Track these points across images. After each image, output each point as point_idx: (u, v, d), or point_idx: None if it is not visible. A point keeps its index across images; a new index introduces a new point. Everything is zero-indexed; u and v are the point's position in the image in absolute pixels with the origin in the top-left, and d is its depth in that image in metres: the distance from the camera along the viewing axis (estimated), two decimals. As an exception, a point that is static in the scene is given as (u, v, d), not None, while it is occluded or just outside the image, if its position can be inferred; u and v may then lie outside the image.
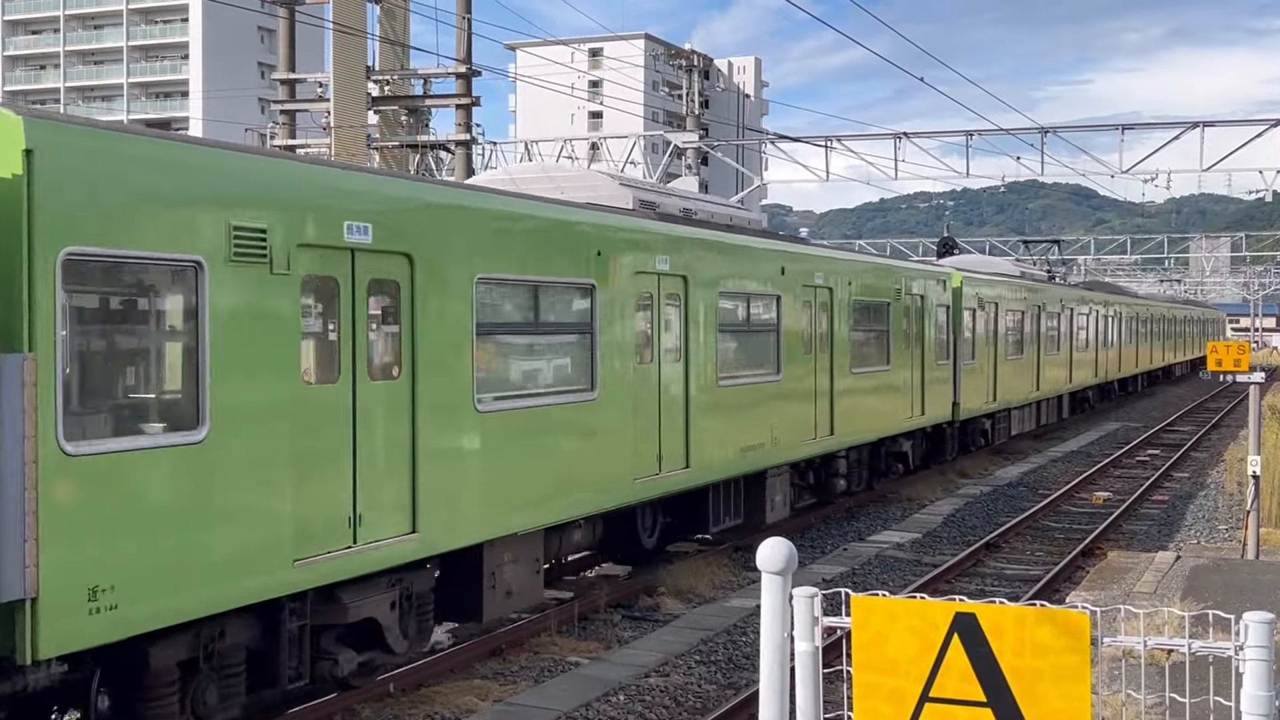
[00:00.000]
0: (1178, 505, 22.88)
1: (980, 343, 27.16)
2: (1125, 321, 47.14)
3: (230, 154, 8.97)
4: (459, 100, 28.85)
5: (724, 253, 15.92)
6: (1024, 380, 31.04)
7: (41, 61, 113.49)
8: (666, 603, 14.62)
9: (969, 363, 26.21)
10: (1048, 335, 33.58)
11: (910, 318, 22.75)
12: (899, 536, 19.20)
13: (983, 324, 27.37)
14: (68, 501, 7.41)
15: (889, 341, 21.64)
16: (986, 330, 27.67)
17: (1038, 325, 32.33)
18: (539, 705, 10.63)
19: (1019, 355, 30.42)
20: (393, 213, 10.23)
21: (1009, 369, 29.39)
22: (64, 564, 7.36)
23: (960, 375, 25.52)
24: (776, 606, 4.72)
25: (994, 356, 28.11)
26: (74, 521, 7.46)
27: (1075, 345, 37.30)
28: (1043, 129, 36.35)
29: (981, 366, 27.15)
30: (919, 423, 23.31)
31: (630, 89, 75.93)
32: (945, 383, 24.75)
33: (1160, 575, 15.07)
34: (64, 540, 7.36)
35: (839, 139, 37.26)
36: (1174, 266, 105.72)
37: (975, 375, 26.67)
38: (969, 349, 26.28)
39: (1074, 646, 4.37)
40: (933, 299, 23.96)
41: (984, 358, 27.37)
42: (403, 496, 10.22)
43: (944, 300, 24.78)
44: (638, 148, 41.00)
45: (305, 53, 37.34)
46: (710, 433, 15.21)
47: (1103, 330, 42.06)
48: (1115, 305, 45.38)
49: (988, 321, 27.77)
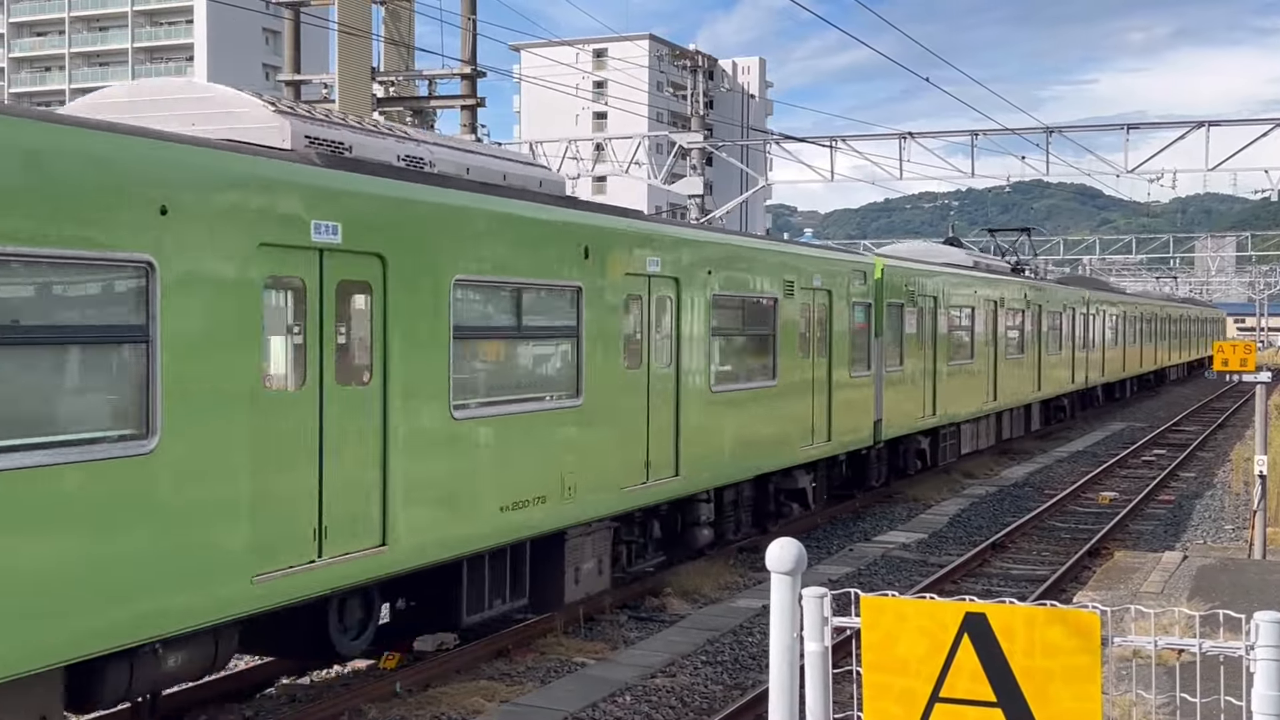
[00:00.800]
0: (1184, 505, 22.85)
1: (913, 347, 22.92)
2: (1111, 321, 43.42)
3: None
4: (464, 101, 28.85)
5: (466, 222, 11.09)
6: (976, 389, 26.95)
7: (47, 64, 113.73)
8: (672, 603, 14.61)
9: (896, 371, 22.03)
10: (1009, 336, 29.65)
11: (809, 318, 18.39)
12: (905, 537, 19.19)
13: (916, 323, 23.08)
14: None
15: (774, 349, 17.10)
16: (923, 331, 23.45)
17: (995, 324, 28.31)
18: (545, 706, 10.63)
19: (968, 360, 26.38)
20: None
21: (955, 377, 25.29)
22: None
23: (884, 387, 21.24)
24: (786, 606, 4.71)
25: (933, 362, 23.97)
26: None
27: (1047, 348, 33.38)
28: (1048, 129, 36.30)
29: (914, 375, 23.01)
30: (825, 450, 18.93)
31: (635, 89, 75.98)
32: (864, 398, 20.45)
33: (1167, 575, 15.05)
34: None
35: (843, 139, 37.22)
36: (1179, 266, 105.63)
37: (906, 386, 22.60)
38: (897, 354, 22.13)
39: (1084, 647, 4.36)
40: (844, 294, 19.60)
41: (919, 364, 23.25)
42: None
43: (862, 296, 20.40)
44: (642, 148, 41.00)
45: (310, 54, 37.36)
46: (444, 488, 10.78)
47: (1083, 330, 38.37)
48: (1099, 303, 41.64)
49: (924, 321, 23.56)
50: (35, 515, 7.30)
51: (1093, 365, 40.05)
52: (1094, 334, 40.21)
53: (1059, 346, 35.28)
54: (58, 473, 7.40)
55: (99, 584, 7.63)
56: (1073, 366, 37.04)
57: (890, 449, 22.55)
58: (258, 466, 8.72)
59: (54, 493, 7.38)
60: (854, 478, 21.40)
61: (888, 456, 22.54)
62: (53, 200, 7.41)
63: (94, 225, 7.65)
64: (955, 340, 25.77)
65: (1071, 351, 36.70)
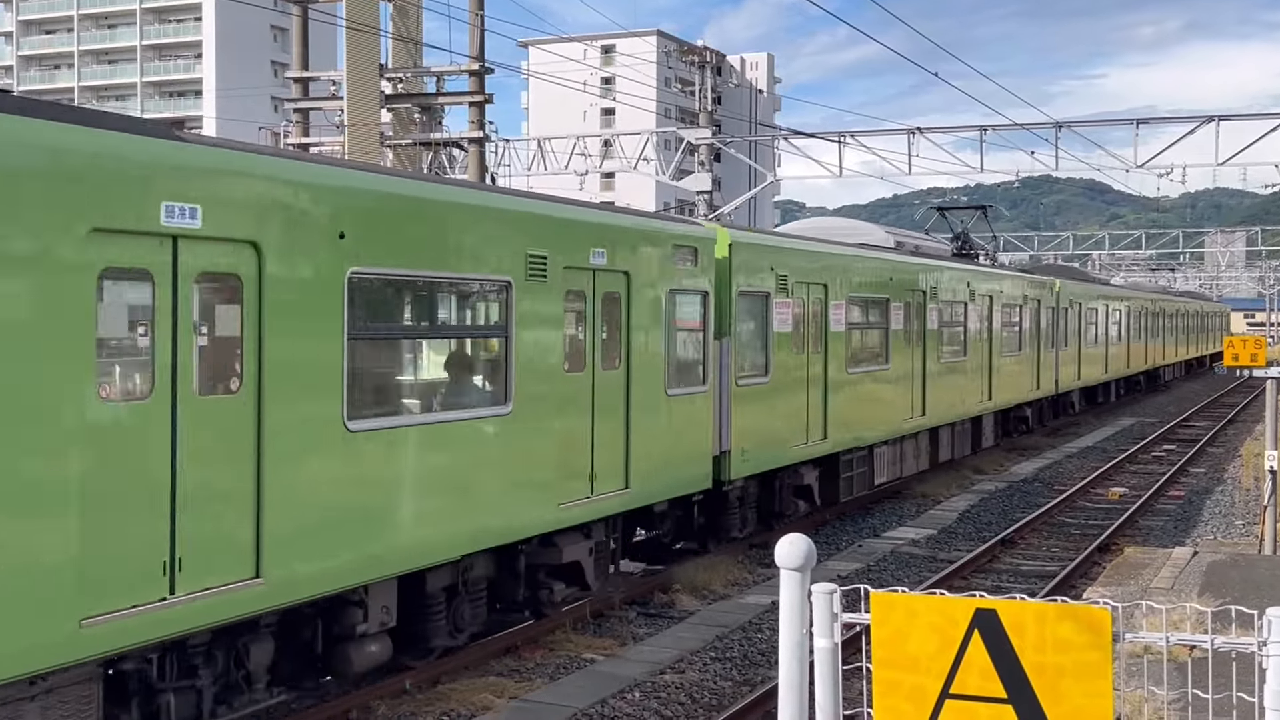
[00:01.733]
0: (1194, 501, 22.79)
1: (788, 350, 17.41)
2: (1090, 316, 37.97)
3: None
4: (472, 98, 28.86)
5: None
6: (894, 403, 21.51)
7: (56, 61, 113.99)
8: (681, 600, 14.61)
9: (756, 383, 16.50)
10: (947, 334, 24.40)
11: (581, 312, 12.77)
12: (914, 533, 19.16)
13: (793, 319, 17.58)
14: None
15: (507, 363, 11.46)
16: (804, 329, 17.99)
17: (923, 320, 22.90)
18: (555, 702, 10.63)
19: (881, 367, 20.98)
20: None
21: (860, 387, 20.02)
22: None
23: (733, 406, 15.76)
24: (795, 603, 4.70)
25: (824, 369, 18.52)
26: None
27: (1001, 348, 28.05)
28: (1057, 124, 36.23)
29: (790, 387, 17.45)
30: (608, 504, 13.05)
31: (643, 84, 75.92)
32: (693, 422, 14.81)
33: (1177, 571, 15.01)
34: None
35: (852, 134, 37.19)
36: (1189, 261, 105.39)
37: (775, 403, 17.00)
38: (759, 361, 16.72)
39: (1096, 643, 4.34)
40: (654, 278, 13.98)
41: (796, 374, 17.72)
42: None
43: (692, 281, 14.89)
44: (650, 144, 40.96)
45: (318, 51, 37.40)
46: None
47: (1051, 327, 32.87)
48: (1076, 295, 36.07)
49: (807, 315, 18.12)
50: None
51: (1065, 367, 34.75)
52: (1067, 331, 34.79)
53: (1019, 346, 29.85)
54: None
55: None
56: (1037, 370, 31.45)
57: (763, 486, 17.44)
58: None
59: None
60: (679, 530, 15.98)
61: (757, 496, 17.30)
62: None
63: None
64: (861, 340, 20.49)
65: (1036, 352, 31.21)
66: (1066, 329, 34.80)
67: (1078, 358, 36.39)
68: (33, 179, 7.22)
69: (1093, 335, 38.62)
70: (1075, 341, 35.98)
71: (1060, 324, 34.15)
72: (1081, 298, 37.02)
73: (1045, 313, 32.33)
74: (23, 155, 7.20)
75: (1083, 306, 36.97)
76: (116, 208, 7.65)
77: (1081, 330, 36.68)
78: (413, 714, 10.38)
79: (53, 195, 7.30)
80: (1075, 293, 36.25)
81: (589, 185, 42.10)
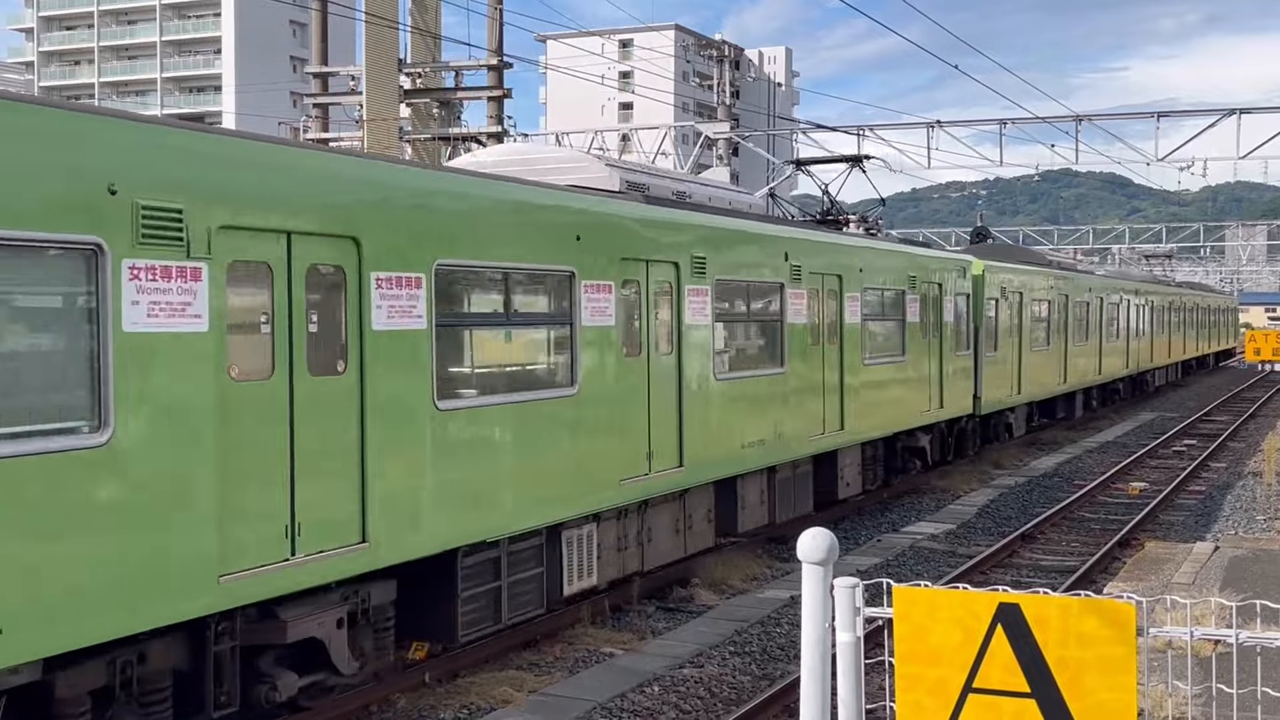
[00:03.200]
0: (1215, 496, 22.68)
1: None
2: (1031, 309, 28.63)
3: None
4: (491, 92, 28.89)
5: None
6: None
7: (76, 57, 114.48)
8: (700, 594, 14.61)
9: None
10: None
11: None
12: (933, 528, 19.11)
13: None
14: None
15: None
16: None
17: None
18: (574, 696, 10.64)
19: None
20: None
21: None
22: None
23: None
24: (818, 597, 4.69)
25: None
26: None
27: (867, 348, 19.00)
28: (1078, 117, 36.10)
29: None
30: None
31: (661, 76, 75.81)
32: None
33: (1199, 566, 14.93)
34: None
35: (871, 128, 37.11)
36: (1210, 255, 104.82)
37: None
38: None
39: (1120, 637, 4.32)
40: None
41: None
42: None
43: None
44: (669, 139, 40.94)
45: (337, 46, 37.45)
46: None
47: (959, 321, 23.76)
48: (1003, 282, 26.54)
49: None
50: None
51: (995, 380, 25.59)
52: (995, 329, 25.80)
53: (961, 345, 23.64)
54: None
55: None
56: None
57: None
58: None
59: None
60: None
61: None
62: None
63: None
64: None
65: (931, 361, 21.89)
66: (994, 325, 25.73)
67: (1017, 361, 27.27)
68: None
69: (1041, 333, 29.61)
70: (1012, 341, 26.97)
71: (1018, 320, 27.14)
72: (1022, 287, 27.84)
73: (951, 303, 23.04)
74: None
75: (1024, 297, 27.92)
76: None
77: (1022, 327, 27.71)
78: (432, 707, 10.41)
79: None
80: (1009, 280, 26.91)
81: (607, 180, 42.07)
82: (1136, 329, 41.16)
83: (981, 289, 24.92)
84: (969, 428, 25.00)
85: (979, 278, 24.82)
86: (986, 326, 25.13)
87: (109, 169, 7.50)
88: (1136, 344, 41.26)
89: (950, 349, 22.93)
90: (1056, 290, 31.04)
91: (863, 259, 19.14)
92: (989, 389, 25.19)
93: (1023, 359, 27.61)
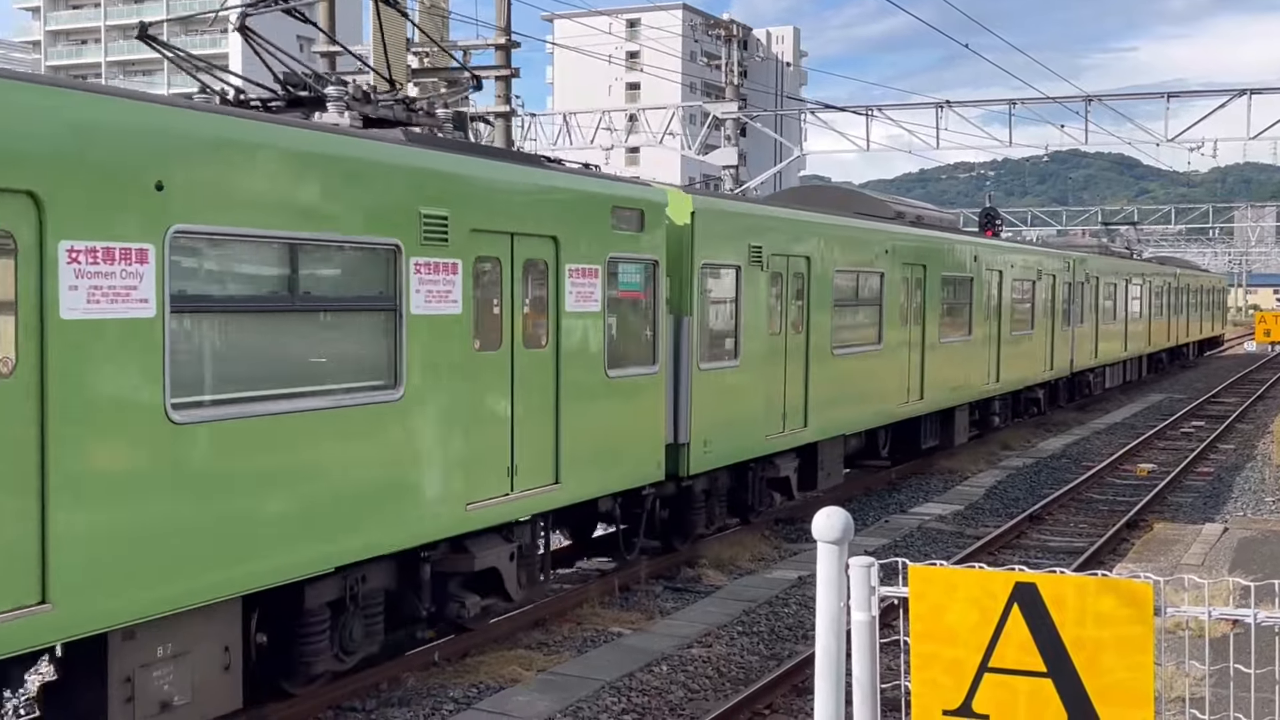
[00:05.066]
0: (1224, 477, 22.64)
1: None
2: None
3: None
4: (498, 72, 28.80)
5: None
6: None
7: (83, 36, 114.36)
8: (708, 574, 14.61)
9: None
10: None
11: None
12: (940, 509, 19.10)
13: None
14: None
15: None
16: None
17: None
18: (583, 675, 10.65)
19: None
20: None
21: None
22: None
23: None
24: (832, 576, 4.67)
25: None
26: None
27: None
28: (1087, 97, 35.93)
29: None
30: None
31: (669, 55, 75.56)
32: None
33: (1208, 547, 14.92)
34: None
35: (879, 108, 36.97)
36: (1219, 236, 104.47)
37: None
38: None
39: (1137, 617, 4.30)
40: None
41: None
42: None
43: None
44: (676, 119, 40.83)
45: (344, 25, 37.37)
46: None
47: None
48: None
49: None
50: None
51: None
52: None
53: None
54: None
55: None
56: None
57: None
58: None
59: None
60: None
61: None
62: None
63: None
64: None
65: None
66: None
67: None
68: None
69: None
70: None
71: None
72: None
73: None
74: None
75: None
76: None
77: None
78: (441, 686, 10.42)
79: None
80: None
81: (614, 160, 42.03)
82: (1082, 313, 31.97)
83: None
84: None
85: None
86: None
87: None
88: (1081, 331, 32.10)
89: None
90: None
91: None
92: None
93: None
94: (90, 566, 7.23)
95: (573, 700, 9.98)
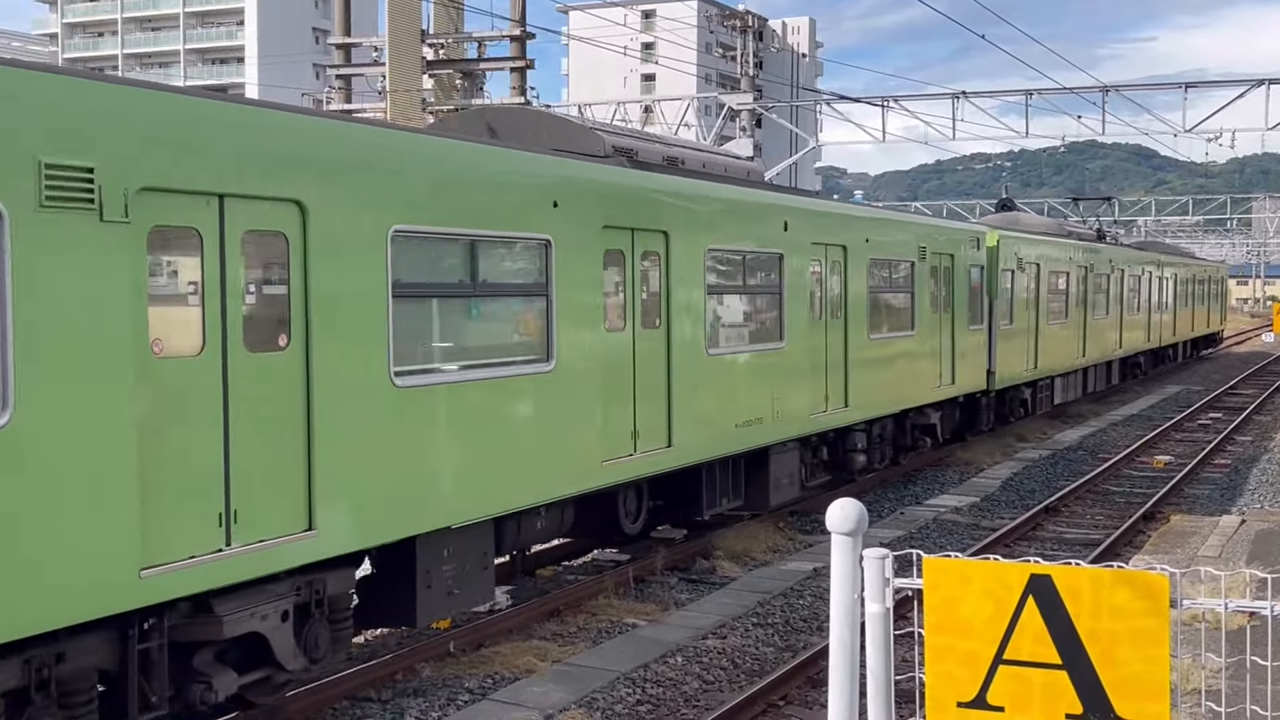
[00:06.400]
0: (1240, 469, 22.54)
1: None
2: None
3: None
4: (513, 63, 28.79)
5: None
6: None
7: (99, 29, 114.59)
8: (722, 566, 14.62)
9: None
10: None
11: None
12: (956, 500, 19.06)
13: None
14: None
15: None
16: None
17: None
18: (598, 666, 10.67)
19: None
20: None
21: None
22: None
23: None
24: (847, 568, 4.67)
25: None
26: None
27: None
28: (1104, 87, 35.73)
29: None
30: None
31: (684, 46, 75.44)
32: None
33: (1225, 539, 14.86)
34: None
35: (895, 99, 36.83)
36: (1237, 227, 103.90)
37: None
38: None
39: (1153, 609, 4.29)
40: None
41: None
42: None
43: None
44: (691, 110, 40.75)
45: (360, 16, 37.37)
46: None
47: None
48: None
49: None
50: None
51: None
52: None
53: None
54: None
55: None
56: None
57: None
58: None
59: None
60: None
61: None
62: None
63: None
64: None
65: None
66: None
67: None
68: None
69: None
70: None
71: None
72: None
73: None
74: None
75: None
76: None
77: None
78: (457, 676, 10.45)
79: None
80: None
81: (629, 151, 41.86)
82: (1043, 308, 26.91)
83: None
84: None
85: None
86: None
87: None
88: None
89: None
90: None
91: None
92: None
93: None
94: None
95: (588, 691, 10.00)
